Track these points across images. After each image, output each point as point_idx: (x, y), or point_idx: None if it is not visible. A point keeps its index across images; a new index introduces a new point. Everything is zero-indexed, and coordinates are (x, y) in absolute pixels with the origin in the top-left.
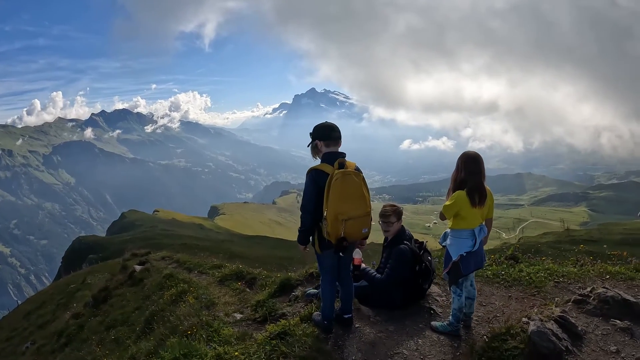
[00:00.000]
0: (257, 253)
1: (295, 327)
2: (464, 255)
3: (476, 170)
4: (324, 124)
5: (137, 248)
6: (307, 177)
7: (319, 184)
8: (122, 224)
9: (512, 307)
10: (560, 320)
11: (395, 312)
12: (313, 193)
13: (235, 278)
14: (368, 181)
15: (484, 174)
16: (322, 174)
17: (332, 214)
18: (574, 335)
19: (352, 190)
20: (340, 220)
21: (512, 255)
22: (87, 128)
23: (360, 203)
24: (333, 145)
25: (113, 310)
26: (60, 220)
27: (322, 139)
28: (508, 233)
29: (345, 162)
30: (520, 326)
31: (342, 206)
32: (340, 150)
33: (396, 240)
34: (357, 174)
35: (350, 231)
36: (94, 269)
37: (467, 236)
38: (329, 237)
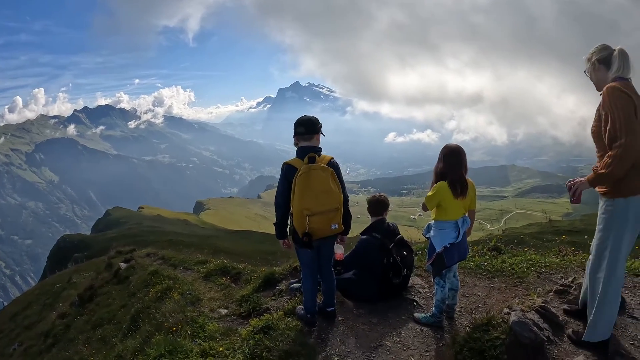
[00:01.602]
0: (243, 248)
1: (279, 321)
2: (447, 247)
3: (457, 162)
4: (299, 118)
5: (122, 245)
6: (281, 171)
7: (288, 178)
8: (106, 222)
9: (495, 298)
10: (542, 311)
11: (378, 304)
12: (284, 187)
13: (220, 273)
14: (353, 174)
15: (465, 165)
16: (291, 168)
17: (296, 210)
18: (555, 325)
19: (316, 185)
20: (305, 215)
21: (495, 246)
22: (69, 125)
23: (326, 198)
24: (307, 140)
25: (99, 308)
26: (45, 219)
27: (295, 133)
28: (492, 224)
29: (316, 157)
30: (501, 317)
31: (305, 201)
32: (325, 143)
33: (367, 230)
34: (324, 168)
35: (316, 227)
36: (80, 267)
37: (450, 227)
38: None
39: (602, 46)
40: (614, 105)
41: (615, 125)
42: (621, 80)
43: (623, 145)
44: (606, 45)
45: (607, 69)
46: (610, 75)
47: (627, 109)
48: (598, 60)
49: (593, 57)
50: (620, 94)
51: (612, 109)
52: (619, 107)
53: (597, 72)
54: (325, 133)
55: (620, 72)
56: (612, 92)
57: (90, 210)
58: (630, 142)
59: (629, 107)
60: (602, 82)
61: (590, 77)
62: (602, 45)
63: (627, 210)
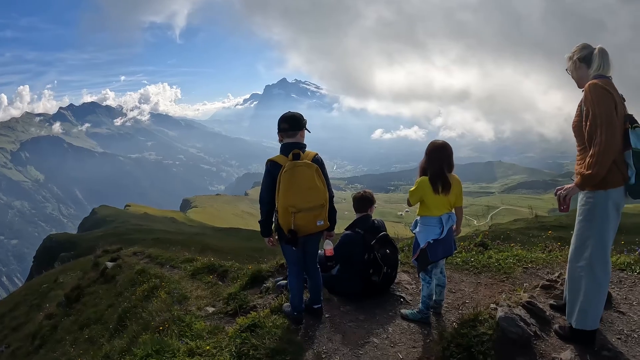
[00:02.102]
0: (230, 245)
1: (266, 319)
2: (431, 243)
3: (439, 158)
4: (283, 115)
5: (108, 244)
6: (265, 167)
7: (273, 175)
8: (93, 220)
9: (482, 294)
10: (528, 306)
11: (365, 301)
12: (268, 184)
13: (207, 271)
14: (340, 171)
15: (449, 162)
16: (276, 165)
17: (281, 207)
18: (542, 320)
19: (301, 182)
20: (290, 212)
21: (482, 242)
22: (55, 122)
23: (311, 195)
24: (290, 137)
25: (86, 308)
26: (31, 219)
27: (279, 130)
28: (479, 220)
29: (301, 153)
30: (488, 312)
31: (290, 198)
32: (312, 139)
33: (350, 226)
34: (309, 165)
35: (301, 223)
36: (66, 267)
37: (435, 223)
38: (283, 228)
39: (583, 45)
40: (595, 101)
41: (596, 121)
42: (602, 78)
43: (604, 141)
44: (587, 45)
45: (588, 67)
46: (590, 73)
47: (608, 105)
48: (579, 59)
49: (574, 55)
50: (601, 91)
51: (593, 104)
52: (599, 103)
53: (579, 70)
54: (312, 130)
55: (601, 70)
56: (594, 89)
57: (76, 209)
58: (609, 138)
59: (609, 103)
60: (583, 79)
61: (571, 75)
62: (583, 44)
63: (607, 201)
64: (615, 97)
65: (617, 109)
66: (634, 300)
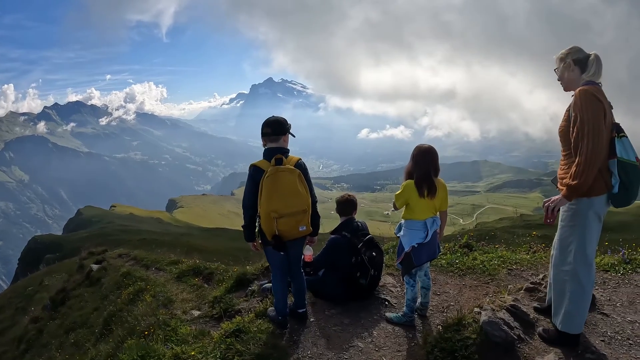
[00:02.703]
0: (217, 245)
1: (250, 323)
2: (415, 247)
3: (425, 162)
4: (267, 119)
5: (93, 246)
6: (248, 172)
7: (255, 180)
8: (78, 221)
9: (466, 296)
10: (512, 309)
11: (350, 305)
12: (251, 189)
13: (192, 274)
14: (326, 170)
15: (435, 166)
16: (258, 170)
17: (263, 212)
18: (526, 324)
19: (283, 187)
20: (272, 218)
21: (467, 243)
22: (40, 122)
23: (293, 200)
24: (273, 141)
25: (71, 312)
26: (15, 220)
27: (263, 134)
28: (465, 219)
29: (284, 159)
30: (472, 316)
31: (273, 204)
32: (299, 139)
33: (336, 229)
34: (291, 170)
35: (284, 228)
36: (52, 269)
37: (419, 227)
38: (266, 233)
39: (577, 48)
40: (585, 108)
41: (583, 129)
42: (593, 85)
43: (589, 151)
44: (580, 48)
45: (582, 71)
46: (583, 77)
47: (597, 114)
48: (574, 61)
49: (568, 57)
50: (592, 99)
51: (582, 112)
52: (589, 111)
53: (571, 73)
54: (299, 129)
55: (594, 76)
56: (584, 96)
57: (61, 209)
58: (595, 147)
59: (598, 112)
60: (573, 83)
61: (560, 76)
62: (576, 47)
63: (590, 209)
64: (605, 105)
65: (605, 117)
66: (617, 302)
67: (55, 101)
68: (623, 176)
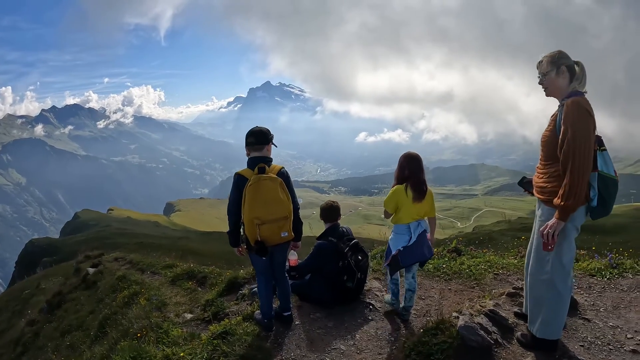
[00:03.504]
0: (213, 249)
1: (237, 326)
2: (401, 250)
3: (415, 168)
4: (251, 129)
5: (90, 250)
6: (232, 181)
7: (240, 188)
8: (75, 224)
9: (451, 300)
10: (491, 314)
11: (335, 308)
12: (235, 197)
13: (186, 277)
14: (324, 174)
15: (422, 171)
16: (242, 178)
17: (247, 219)
18: (504, 328)
19: (265, 195)
20: (255, 224)
21: (455, 248)
22: (37, 125)
23: (275, 207)
24: (257, 150)
25: (68, 315)
26: (12, 223)
27: (246, 144)
28: (462, 222)
29: (266, 167)
30: (450, 321)
31: (255, 211)
32: (297, 143)
33: (322, 235)
34: (273, 178)
35: (266, 234)
36: (48, 272)
37: (404, 231)
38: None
39: (565, 53)
40: (577, 125)
41: (574, 146)
42: (580, 95)
43: (581, 169)
44: (566, 53)
45: (571, 78)
46: (571, 85)
47: (588, 131)
48: (567, 67)
49: (561, 61)
50: (585, 113)
51: (574, 127)
52: (581, 128)
53: (561, 78)
54: (296, 133)
55: (581, 85)
56: (577, 109)
57: (58, 212)
58: (586, 165)
59: (590, 128)
60: (560, 89)
61: (548, 81)
62: (563, 51)
63: (570, 221)
64: (594, 118)
65: (593, 131)
66: (601, 307)
67: (53, 104)
68: (602, 190)
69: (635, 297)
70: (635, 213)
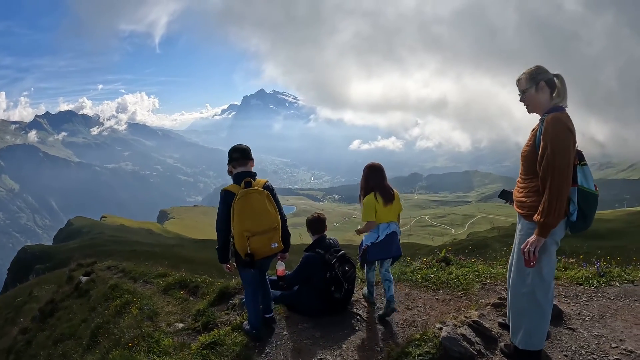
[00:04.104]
0: (206, 257)
1: (226, 336)
2: (369, 245)
3: (378, 177)
4: (233, 147)
5: (83, 257)
6: (220, 196)
7: (228, 203)
8: (68, 231)
9: (438, 310)
10: (474, 325)
11: (322, 319)
12: (224, 212)
13: (179, 286)
14: (317, 182)
15: (385, 179)
16: (230, 193)
17: (237, 231)
18: (488, 339)
19: (253, 207)
20: (245, 236)
21: (444, 257)
22: (31, 130)
23: (264, 219)
24: (242, 166)
25: (60, 323)
26: (5, 230)
27: (232, 160)
28: (457, 229)
29: (252, 181)
30: (433, 332)
31: (245, 223)
32: (291, 150)
33: (310, 247)
34: (260, 191)
35: (256, 246)
36: (41, 280)
37: (374, 230)
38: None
39: (544, 68)
40: (556, 142)
41: (554, 162)
42: (561, 110)
43: (559, 186)
44: (545, 68)
45: (552, 93)
46: (552, 101)
47: (568, 148)
48: (545, 82)
49: (540, 77)
50: (565, 130)
51: (553, 144)
52: (561, 143)
53: (541, 94)
54: (290, 140)
55: (562, 100)
56: (557, 125)
57: (51, 219)
58: (564, 182)
59: (570, 145)
60: (542, 105)
61: (528, 98)
62: (542, 67)
63: (550, 236)
64: (574, 134)
65: (573, 147)
66: (587, 316)
67: (47, 110)
68: (582, 204)
69: (622, 306)
70: (628, 218)
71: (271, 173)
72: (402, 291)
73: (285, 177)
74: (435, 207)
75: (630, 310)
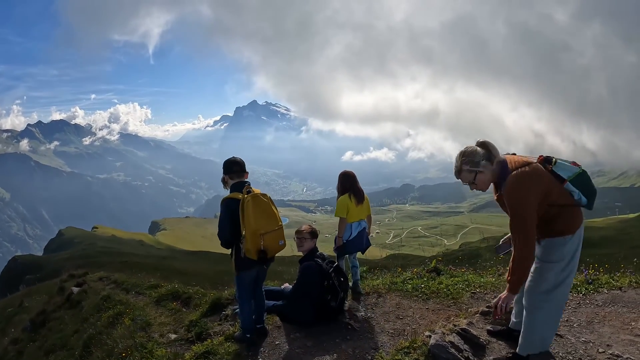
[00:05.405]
0: (198, 269)
1: (219, 346)
2: (344, 242)
3: (351, 182)
4: (229, 159)
5: (74, 268)
6: (222, 206)
7: (232, 210)
8: (59, 242)
9: (428, 319)
10: (463, 333)
11: (314, 328)
12: (227, 219)
13: (171, 298)
14: (310, 193)
15: (357, 182)
16: (233, 200)
17: (250, 230)
18: (476, 346)
19: (264, 208)
20: (259, 234)
21: (435, 268)
22: (22, 139)
23: (272, 219)
24: (239, 177)
25: (51, 334)
26: None
27: (228, 173)
28: (449, 240)
29: (252, 189)
30: (422, 340)
31: (259, 222)
32: (283, 161)
33: (307, 257)
34: (264, 195)
35: (269, 243)
36: (32, 290)
37: (348, 229)
38: (249, 253)
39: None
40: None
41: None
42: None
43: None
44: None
45: (491, 161)
46: (494, 167)
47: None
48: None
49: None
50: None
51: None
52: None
53: (487, 171)
54: (282, 152)
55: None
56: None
57: (42, 229)
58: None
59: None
60: (493, 176)
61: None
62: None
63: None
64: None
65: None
66: (575, 322)
67: (39, 119)
68: (582, 187)
69: (610, 312)
70: (620, 225)
71: (263, 184)
72: (392, 301)
73: (278, 189)
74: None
75: (618, 316)
